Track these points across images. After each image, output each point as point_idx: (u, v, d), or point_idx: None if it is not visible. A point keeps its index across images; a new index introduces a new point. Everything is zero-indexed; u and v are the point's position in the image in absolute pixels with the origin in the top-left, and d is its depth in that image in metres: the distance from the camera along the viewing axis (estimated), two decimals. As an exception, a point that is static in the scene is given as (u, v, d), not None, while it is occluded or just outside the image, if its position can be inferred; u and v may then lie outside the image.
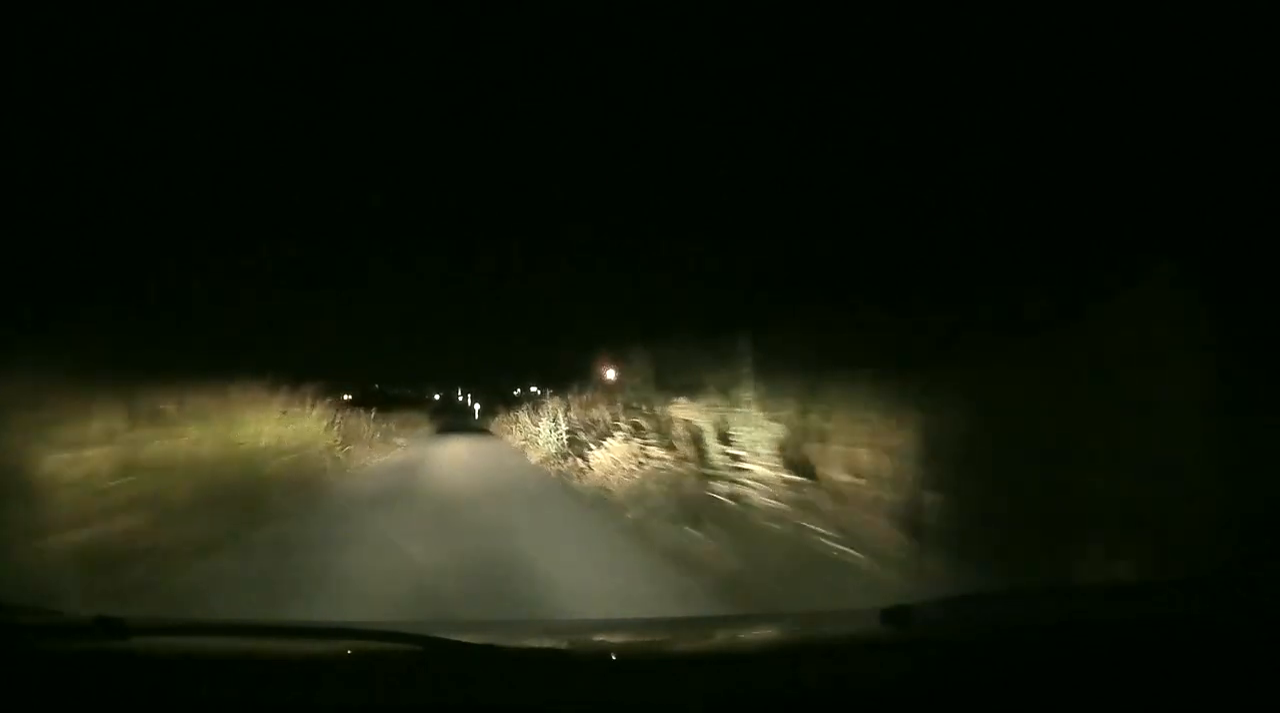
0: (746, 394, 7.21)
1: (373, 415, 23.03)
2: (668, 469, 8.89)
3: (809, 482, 6.03)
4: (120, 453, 6.82)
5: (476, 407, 61.71)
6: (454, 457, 20.12)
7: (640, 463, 10.00)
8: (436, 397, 72.64)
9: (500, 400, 47.04)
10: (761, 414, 6.91)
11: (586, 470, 12.38)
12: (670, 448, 9.13)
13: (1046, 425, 3.95)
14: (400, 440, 24.87)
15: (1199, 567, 3.04)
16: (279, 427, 12.09)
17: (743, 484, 6.94)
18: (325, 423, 15.68)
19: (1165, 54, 4.02)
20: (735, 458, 7.25)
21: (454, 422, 45.06)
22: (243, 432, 10.35)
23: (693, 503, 7.47)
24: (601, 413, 13.41)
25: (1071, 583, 3.30)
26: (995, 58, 4.95)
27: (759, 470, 6.76)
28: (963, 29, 5.06)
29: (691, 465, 8.27)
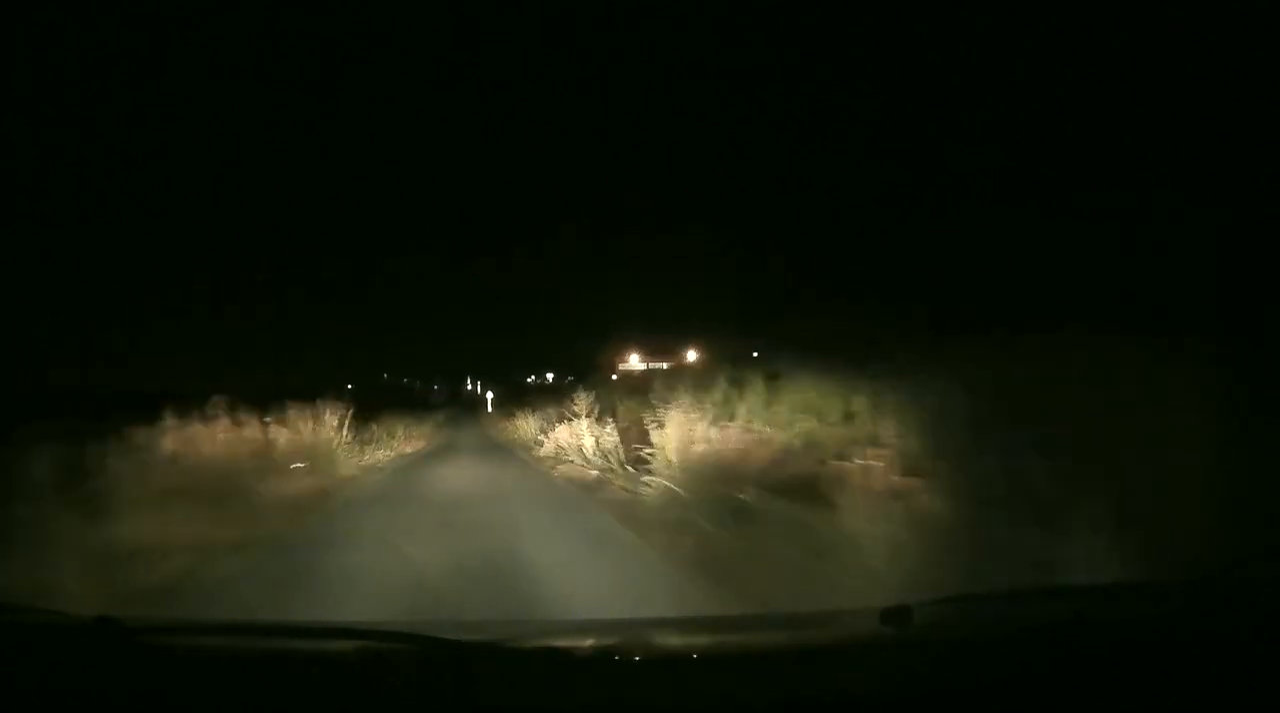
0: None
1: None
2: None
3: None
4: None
5: (489, 396, 49.28)
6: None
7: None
8: (436, 387, 68.33)
9: (518, 391, 38.45)
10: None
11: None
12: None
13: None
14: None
15: (1199, 567, 3.04)
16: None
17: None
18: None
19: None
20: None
21: (456, 427, 30.54)
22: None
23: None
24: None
25: (1071, 583, 3.30)
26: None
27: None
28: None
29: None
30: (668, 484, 8.19)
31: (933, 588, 2.02)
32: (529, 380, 52.36)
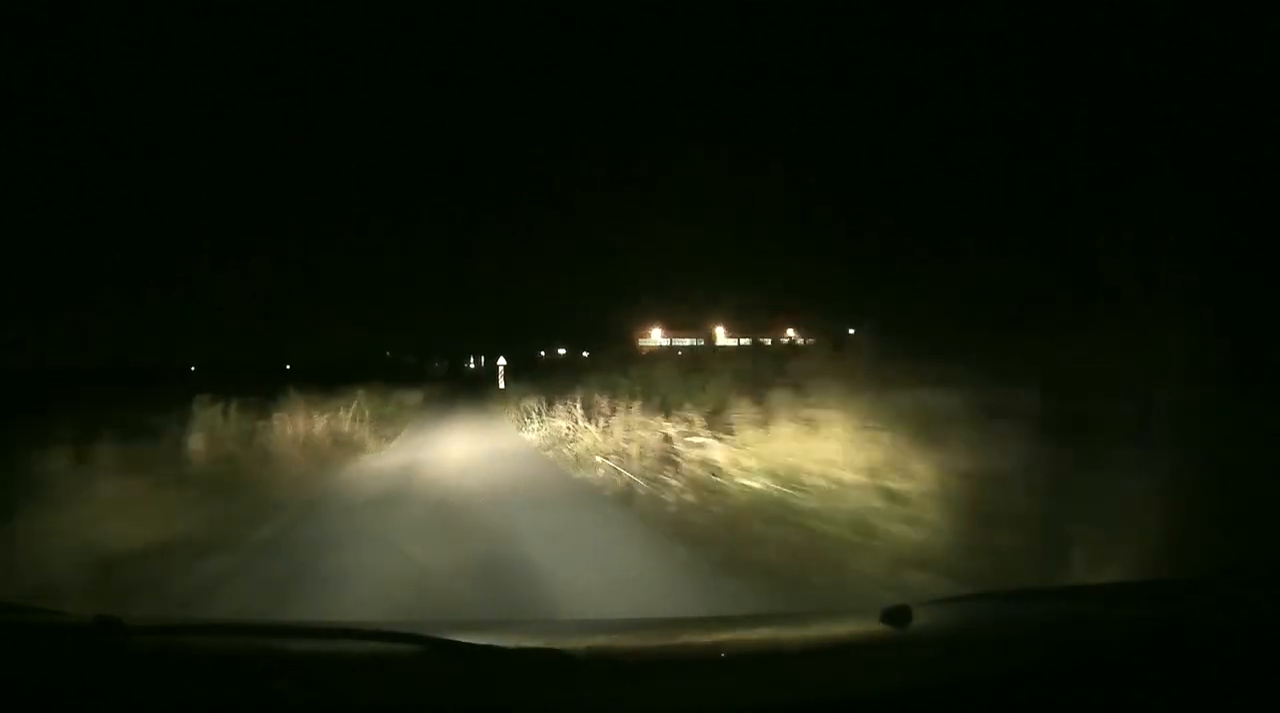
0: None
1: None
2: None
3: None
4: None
5: (502, 364, 36.91)
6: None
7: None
8: (437, 363, 61.87)
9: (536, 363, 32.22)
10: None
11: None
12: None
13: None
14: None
15: (1199, 567, 3.04)
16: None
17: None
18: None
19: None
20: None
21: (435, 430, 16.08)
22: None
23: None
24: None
25: (1071, 583, 3.30)
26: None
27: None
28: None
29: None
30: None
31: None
32: (540, 355, 50.91)
